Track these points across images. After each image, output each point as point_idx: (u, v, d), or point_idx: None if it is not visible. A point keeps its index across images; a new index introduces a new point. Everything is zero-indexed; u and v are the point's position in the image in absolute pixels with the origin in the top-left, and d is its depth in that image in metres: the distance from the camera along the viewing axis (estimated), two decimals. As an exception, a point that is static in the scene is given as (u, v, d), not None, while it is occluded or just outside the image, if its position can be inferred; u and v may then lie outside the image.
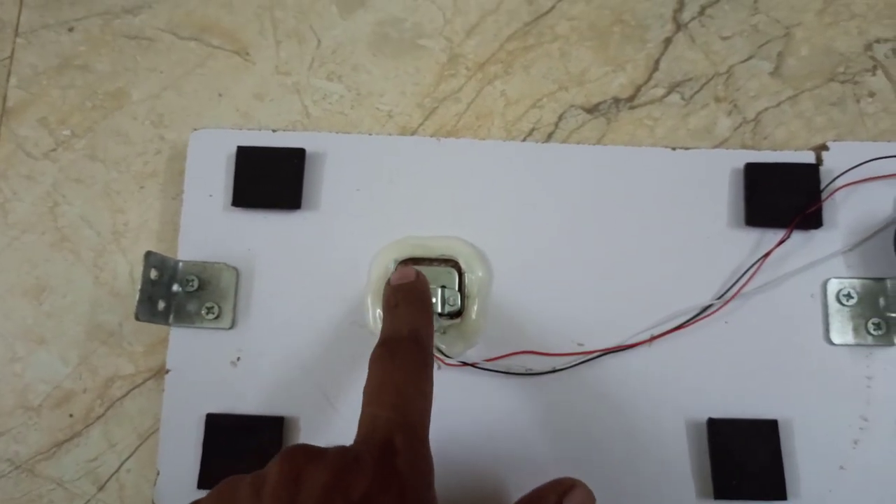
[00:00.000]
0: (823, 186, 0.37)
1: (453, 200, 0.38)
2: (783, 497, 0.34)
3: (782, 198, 0.37)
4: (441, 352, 0.36)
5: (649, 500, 0.35)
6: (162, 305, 0.36)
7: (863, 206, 0.37)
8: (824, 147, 0.38)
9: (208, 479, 0.35)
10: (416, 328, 0.29)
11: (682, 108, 0.40)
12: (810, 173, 0.37)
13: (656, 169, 0.38)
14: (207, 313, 0.37)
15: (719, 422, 0.35)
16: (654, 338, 0.36)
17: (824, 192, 0.37)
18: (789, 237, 0.36)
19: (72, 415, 0.38)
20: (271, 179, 0.38)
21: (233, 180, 0.38)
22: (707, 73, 0.41)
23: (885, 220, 0.37)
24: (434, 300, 0.36)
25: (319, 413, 0.36)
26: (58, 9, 0.43)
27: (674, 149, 0.39)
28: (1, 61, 0.42)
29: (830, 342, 0.36)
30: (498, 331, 0.37)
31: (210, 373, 0.37)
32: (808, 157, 0.38)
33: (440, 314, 0.36)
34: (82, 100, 0.42)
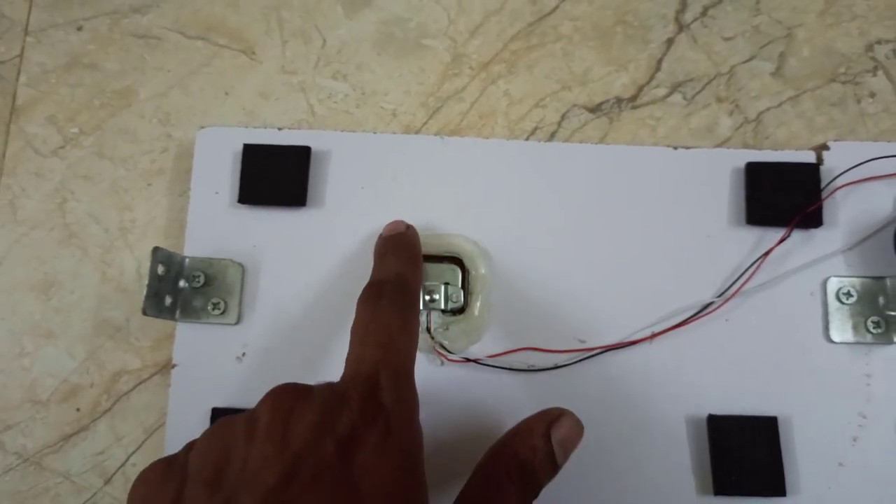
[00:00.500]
0: (824, 186, 0.37)
1: (457, 198, 0.39)
2: (782, 493, 0.34)
3: (783, 197, 0.37)
4: (444, 348, 0.36)
5: (649, 496, 0.35)
6: (169, 301, 0.37)
7: (863, 205, 0.37)
8: (825, 147, 0.39)
9: (213, 473, 0.35)
10: (401, 272, 0.31)
11: (683, 108, 0.41)
12: (811, 173, 0.37)
13: (658, 168, 0.39)
14: (213, 309, 0.37)
15: (719, 418, 0.35)
16: (655, 335, 0.36)
17: (824, 191, 0.37)
18: (790, 236, 0.37)
19: (79, 409, 0.39)
20: (277, 177, 0.38)
21: (239, 178, 0.39)
22: (709, 74, 0.41)
23: (885, 220, 0.37)
24: (437, 297, 0.36)
25: (323, 408, 0.36)
26: (67, 8, 0.43)
27: (675, 148, 0.39)
28: (11, 60, 0.43)
29: (830, 340, 0.36)
30: (501, 327, 0.37)
31: (216, 368, 0.37)
32: (808, 157, 0.38)
33: (444, 311, 0.37)
34: (90, 98, 0.42)
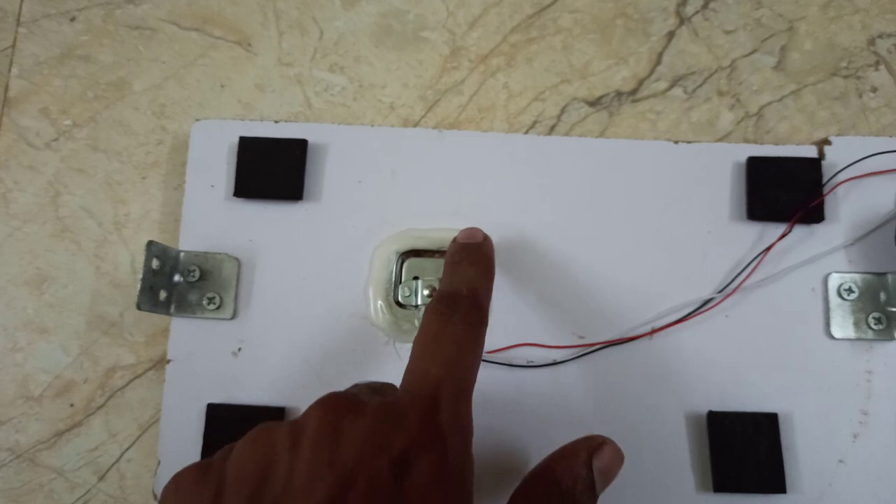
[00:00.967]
0: (825, 181, 0.37)
1: (455, 192, 0.38)
2: (782, 490, 0.34)
3: (784, 192, 0.37)
4: (442, 343, 0.36)
5: (649, 493, 0.35)
6: (163, 295, 0.36)
7: (864, 200, 0.37)
8: (826, 142, 0.38)
9: (209, 469, 0.35)
10: (475, 287, 0.29)
11: (684, 102, 0.40)
12: (812, 168, 0.37)
13: (658, 162, 0.38)
14: (209, 303, 0.37)
15: (719, 415, 0.35)
16: (654, 331, 0.36)
17: (826, 186, 0.37)
18: (791, 231, 0.36)
19: (73, 404, 0.38)
20: (273, 170, 0.38)
21: (234, 171, 0.38)
22: (710, 67, 0.41)
23: (887, 215, 0.37)
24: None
25: (320, 404, 0.36)
26: (60, -2, 0.43)
27: (676, 142, 0.39)
28: (3, 51, 0.42)
29: (831, 336, 0.36)
30: (499, 323, 0.37)
31: (211, 363, 0.37)
32: (810, 152, 0.38)
33: (441, 306, 0.36)
34: (84, 90, 0.42)
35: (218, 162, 0.39)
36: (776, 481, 0.34)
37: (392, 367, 0.36)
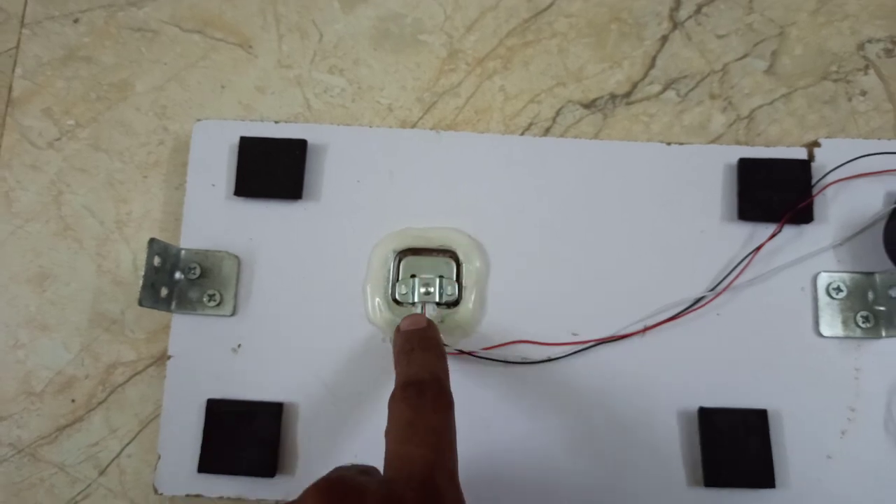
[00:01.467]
0: (815, 182, 0.38)
1: (452, 192, 0.39)
2: (772, 485, 0.34)
3: (774, 193, 0.37)
4: (438, 340, 0.36)
5: (641, 488, 0.35)
6: (164, 292, 0.37)
7: (853, 201, 0.38)
8: (816, 144, 0.39)
9: (208, 464, 0.36)
10: (436, 371, 0.29)
11: (677, 105, 0.41)
12: (802, 169, 0.38)
13: (651, 164, 0.39)
14: (209, 301, 0.38)
15: (710, 411, 0.35)
16: (647, 328, 0.37)
17: (815, 187, 0.38)
18: (781, 231, 0.37)
19: (74, 400, 0.39)
20: (273, 170, 0.39)
21: (235, 170, 0.39)
22: (702, 71, 0.41)
23: (875, 216, 0.37)
24: (432, 290, 0.37)
25: (318, 400, 0.37)
26: (63, 1, 0.43)
27: (669, 144, 0.39)
28: (7, 52, 0.43)
29: (820, 334, 0.37)
30: (495, 320, 0.37)
31: (211, 359, 0.37)
32: (800, 154, 0.39)
33: (438, 303, 0.37)
34: (87, 90, 0.42)
35: (218, 162, 0.39)
36: (765, 476, 0.34)
37: (388, 364, 0.37)
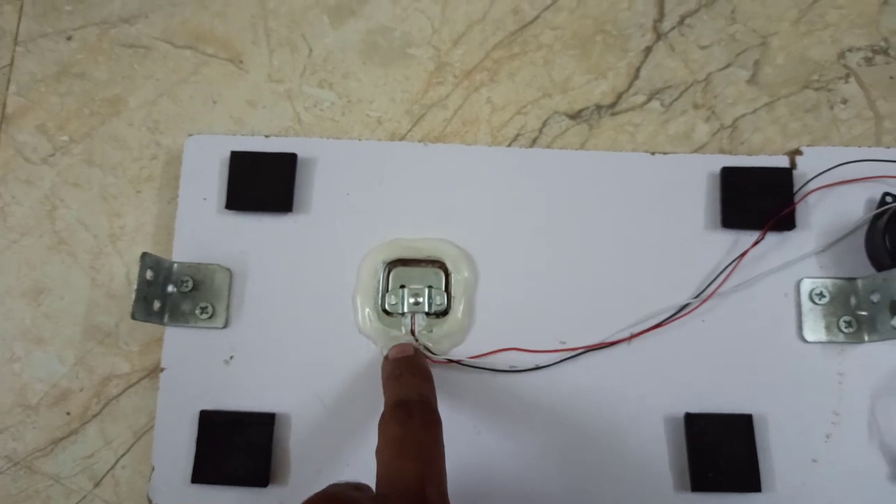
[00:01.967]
0: (797, 189, 0.38)
1: (441, 204, 0.40)
2: (758, 489, 0.35)
3: (757, 201, 0.38)
4: (428, 350, 0.37)
5: (629, 493, 0.36)
6: (157, 305, 0.37)
7: (835, 208, 0.39)
8: (798, 152, 0.40)
9: (202, 475, 0.36)
10: (424, 393, 0.30)
11: (661, 115, 0.42)
12: (784, 177, 0.38)
13: (636, 173, 0.40)
14: (201, 313, 0.38)
15: (696, 416, 0.36)
16: (633, 336, 0.37)
17: (797, 194, 0.38)
18: (764, 238, 0.38)
19: (69, 413, 0.39)
20: (264, 183, 0.39)
21: (226, 184, 0.39)
22: (686, 81, 0.42)
23: (857, 222, 0.38)
24: (421, 300, 0.37)
25: (310, 410, 0.37)
26: (56, 18, 0.44)
27: (653, 154, 0.40)
28: (1, 69, 0.43)
29: (804, 340, 0.37)
30: (483, 329, 0.38)
31: (204, 371, 0.38)
32: (782, 162, 0.39)
33: (427, 313, 0.38)
34: (80, 106, 0.43)
35: (210, 175, 0.40)
36: (751, 480, 0.35)
37: (379, 374, 0.37)
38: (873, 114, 0.41)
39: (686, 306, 0.37)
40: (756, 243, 0.38)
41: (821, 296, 0.37)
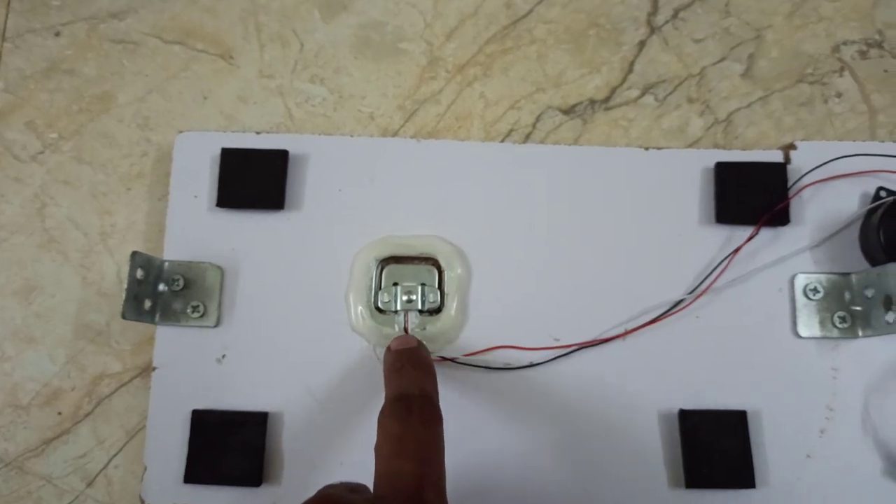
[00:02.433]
0: (791, 184, 0.38)
1: (433, 200, 0.39)
2: (752, 485, 0.35)
3: (751, 196, 0.38)
4: (421, 347, 0.37)
5: (623, 490, 0.36)
6: (148, 304, 0.37)
7: (829, 203, 0.38)
8: (792, 146, 0.40)
9: (195, 474, 0.36)
10: (425, 388, 0.30)
11: (655, 109, 0.41)
12: (778, 172, 0.38)
13: (630, 168, 0.39)
14: (193, 312, 0.38)
15: (690, 413, 0.36)
16: (627, 332, 0.37)
17: (791, 189, 0.38)
18: (758, 234, 0.38)
19: (60, 413, 0.39)
20: (255, 180, 0.39)
21: (217, 181, 0.39)
22: (680, 75, 0.42)
23: (851, 217, 0.38)
24: (414, 297, 0.37)
25: (303, 408, 0.37)
26: (45, 14, 0.43)
27: (647, 149, 0.40)
28: (-12, 66, 0.43)
29: (798, 335, 0.37)
30: (477, 327, 0.38)
31: (196, 370, 0.37)
32: (776, 157, 0.39)
33: (421, 311, 0.37)
34: (69, 103, 0.42)
35: (201, 173, 0.40)
36: (746, 477, 0.35)
37: (372, 371, 0.37)
38: (867, 108, 0.41)
39: (680, 302, 0.37)
40: (750, 238, 0.37)
41: (815, 291, 0.37)
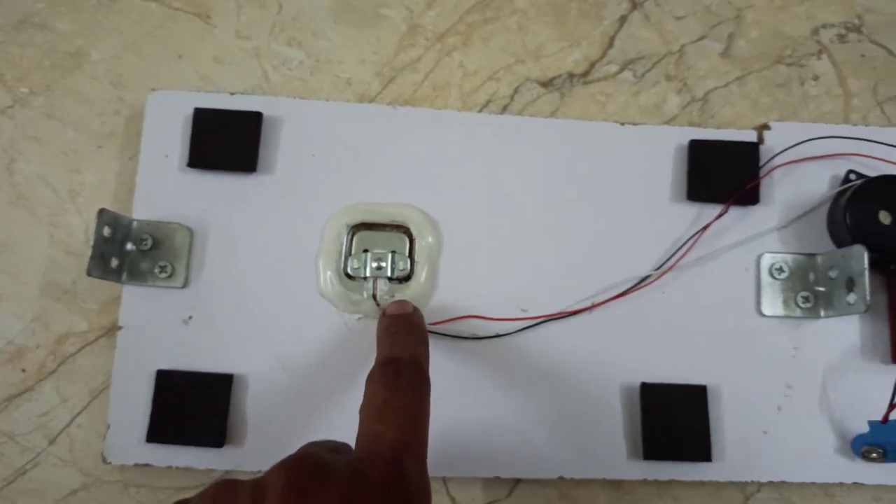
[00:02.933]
0: (762, 164, 0.38)
1: (408, 168, 0.39)
2: (708, 459, 0.35)
3: (723, 174, 0.38)
4: (388, 314, 0.37)
5: (583, 459, 0.36)
6: (115, 263, 0.37)
7: (799, 184, 0.39)
8: (766, 127, 0.40)
9: (157, 433, 0.36)
10: (416, 353, 0.30)
11: (633, 86, 0.41)
12: (751, 151, 0.38)
13: (605, 143, 0.39)
14: (160, 272, 0.38)
15: (651, 386, 0.36)
16: (594, 305, 0.37)
17: (762, 169, 0.38)
18: (727, 212, 0.38)
19: (24, 370, 0.39)
20: (227, 142, 0.38)
21: (189, 142, 0.39)
22: (659, 52, 0.42)
23: (820, 199, 0.38)
24: (384, 264, 0.37)
25: (268, 371, 0.37)
26: (16, -35, 0.42)
27: (623, 124, 0.40)
28: (-43, 16, 0.42)
29: (761, 314, 0.37)
30: (446, 296, 0.38)
31: (162, 331, 0.37)
32: (749, 136, 0.39)
33: (390, 278, 0.37)
34: (41, 58, 0.42)
35: (173, 132, 0.39)
36: (702, 450, 0.35)
37: (339, 337, 0.37)
38: (843, 91, 0.41)
39: (647, 278, 0.37)
40: (719, 217, 0.38)
41: (780, 270, 0.38)
